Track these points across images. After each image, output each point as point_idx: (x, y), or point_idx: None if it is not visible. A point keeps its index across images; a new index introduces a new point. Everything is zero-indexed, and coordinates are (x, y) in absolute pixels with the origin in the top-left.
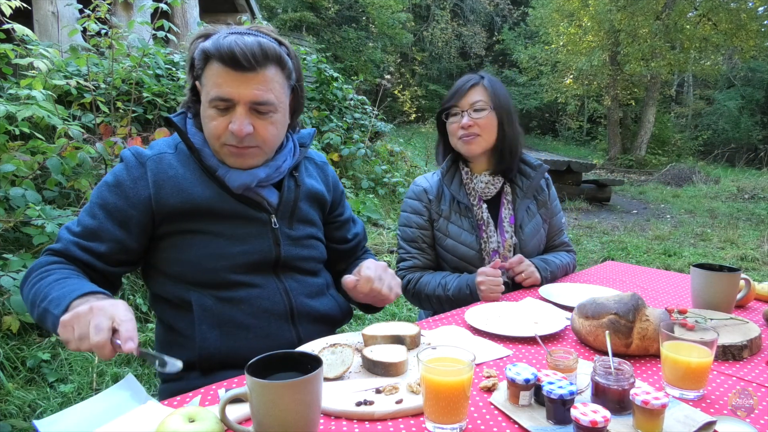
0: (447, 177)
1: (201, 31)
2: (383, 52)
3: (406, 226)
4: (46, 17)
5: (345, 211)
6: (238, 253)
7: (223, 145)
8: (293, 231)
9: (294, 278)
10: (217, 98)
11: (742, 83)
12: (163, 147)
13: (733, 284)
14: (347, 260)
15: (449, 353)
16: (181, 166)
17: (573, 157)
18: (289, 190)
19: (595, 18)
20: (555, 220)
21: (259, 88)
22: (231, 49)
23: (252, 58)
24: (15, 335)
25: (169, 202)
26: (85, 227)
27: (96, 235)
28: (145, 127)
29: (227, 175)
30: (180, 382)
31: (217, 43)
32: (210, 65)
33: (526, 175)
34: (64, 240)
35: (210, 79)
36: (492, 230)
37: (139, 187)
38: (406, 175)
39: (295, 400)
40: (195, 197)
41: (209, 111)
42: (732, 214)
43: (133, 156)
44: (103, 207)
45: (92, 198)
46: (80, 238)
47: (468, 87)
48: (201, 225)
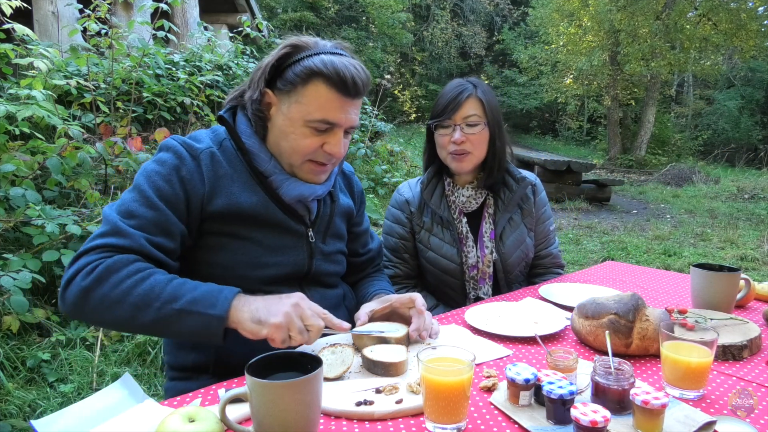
0: (428, 190)
1: (290, 41)
2: (383, 52)
3: (388, 235)
4: (46, 17)
5: (363, 222)
6: (273, 264)
7: (307, 162)
8: (326, 246)
9: (317, 291)
10: (323, 121)
11: (742, 83)
12: (208, 141)
13: (733, 284)
14: (355, 275)
15: (449, 353)
16: (229, 166)
17: (573, 157)
18: (326, 205)
19: (595, 18)
20: (542, 227)
21: (356, 113)
22: (349, 76)
23: (362, 87)
24: (15, 335)
25: (217, 202)
26: (147, 219)
27: (162, 229)
28: (145, 127)
29: (284, 184)
30: (189, 382)
31: (332, 66)
32: (315, 84)
33: (509, 187)
34: (132, 235)
35: (314, 100)
36: (471, 245)
37: (196, 181)
38: (405, 175)
39: (295, 400)
40: (241, 201)
41: (303, 129)
42: (732, 214)
43: (185, 148)
44: (162, 198)
45: (142, 187)
46: (147, 233)
47: (463, 100)
48: (240, 230)
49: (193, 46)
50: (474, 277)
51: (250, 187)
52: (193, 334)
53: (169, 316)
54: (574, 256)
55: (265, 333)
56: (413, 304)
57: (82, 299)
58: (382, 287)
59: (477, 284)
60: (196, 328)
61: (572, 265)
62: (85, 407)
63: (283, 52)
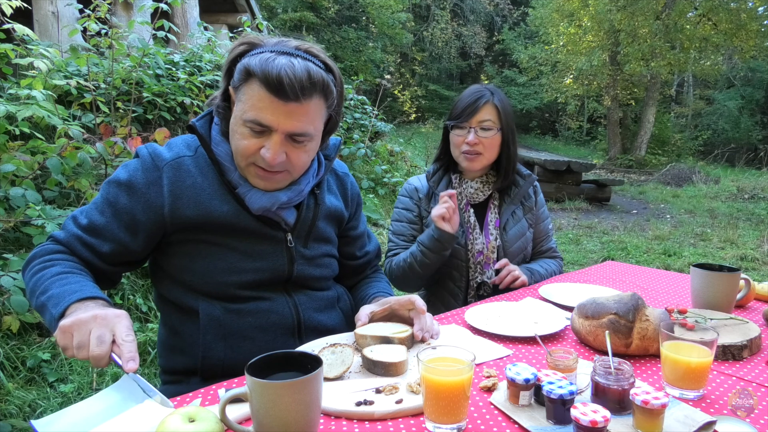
0: (434, 179)
1: (245, 38)
2: (383, 52)
3: (397, 221)
4: (46, 17)
5: (359, 225)
6: (251, 269)
7: (250, 165)
8: (308, 250)
9: (304, 293)
10: (255, 122)
11: (742, 83)
12: (182, 149)
13: (733, 284)
14: (354, 277)
15: (449, 353)
16: (199, 173)
17: (573, 157)
18: (308, 209)
19: (595, 18)
20: (542, 225)
21: (300, 119)
22: (279, 77)
23: (299, 90)
24: (15, 335)
25: (185, 212)
26: (91, 222)
27: (100, 234)
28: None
29: (247, 195)
30: (180, 385)
31: (265, 66)
32: (251, 84)
33: (515, 183)
34: (69, 232)
35: (249, 99)
36: (477, 233)
37: (152, 193)
38: (406, 175)
39: (295, 400)
40: (212, 211)
41: (242, 128)
42: (732, 214)
43: (150, 157)
44: (113, 206)
45: (103, 192)
46: (85, 233)
47: (480, 105)
48: (215, 237)
49: (193, 46)
50: (480, 262)
51: (220, 196)
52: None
53: (39, 306)
54: (574, 256)
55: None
56: (413, 306)
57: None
58: (381, 289)
59: (482, 269)
60: (48, 323)
61: (572, 265)
62: (85, 407)
63: (238, 49)
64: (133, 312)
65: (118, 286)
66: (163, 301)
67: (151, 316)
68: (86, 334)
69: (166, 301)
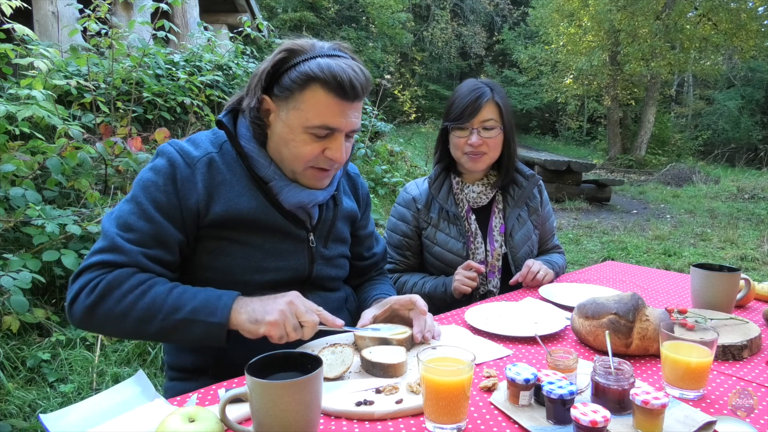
0: (435, 185)
1: (287, 45)
2: (383, 52)
3: (392, 231)
4: (46, 17)
5: (368, 225)
6: (273, 269)
7: (309, 168)
8: (327, 251)
9: (318, 294)
10: (322, 127)
11: (742, 83)
12: (208, 146)
13: (733, 284)
14: (359, 278)
15: (449, 353)
16: (228, 170)
17: (573, 157)
18: (328, 210)
19: (595, 18)
20: (547, 225)
21: (357, 117)
22: (347, 79)
23: (361, 90)
24: (15, 335)
25: (215, 209)
26: (144, 233)
27: (160, 241)
28: (145, 127)
29: (284, 190)
30: (189, 382)
31: (329, 69)
32: (313, 90)
33: (518, 184)
34: (127, 250)
35: (312, 105)
36: (480, 241)
37: (188, 189)
38: (406, 175)
39: (295, 400)
40: (240, 207)
41: (303, 136)
42: (732, 214)
43: (180, 156)
44: (159, 209)
45: (139, 198)
46: (144, 247)
47: (482, 105)
48: (240, 235)
49: (193, 46)
50: (484, 272)
51: (249, 192)
52: (197, 340)
53: (172, 326)
54: (574, 256)
55: (263, 331)
56: (413, 306)
57: (87, 316)
58: (383, 291)
59: (486, 278)
60: (200, 336)
61: (572, 265)
62: (94, 404)
63: (279, 57)
64: None
65: None
66: None
67: None
68: (292, 316)
69: None
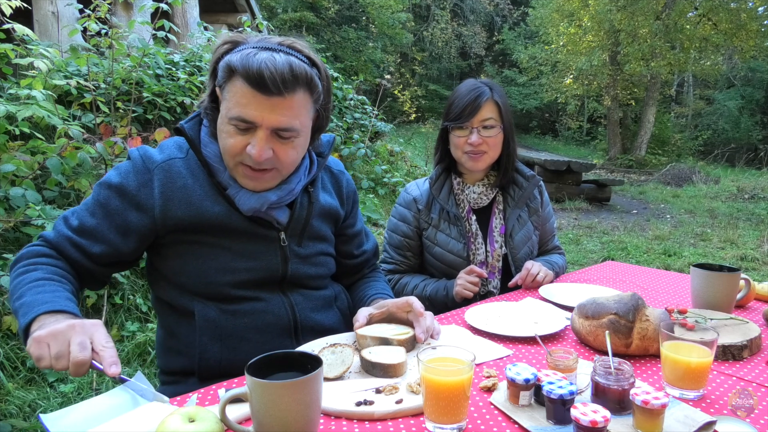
0: (436, 186)
1: (228, 37)
2: (383, 52)
3: (393, 232)
4: (46, 17)
5: (356, 223)
6: (244, 269)
7: (238, 164)
8: (303, 249)
9: (300, 293)
10: (239, 118)
11: (742, 83)
12: (173, 151)
13: (733, 284)
14: (351, 276)
15: (449, 353)
16: (190, 175)
17: (573, 157)
18: (302, 208)
19: (595, 18)
20: (548, 225)
21: (284, 114)
22: (260, 71)
23: (281, 83)
24: (15, 335)
25: (176, 214)
26: (82, 224)
27: (91, 235)
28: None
29: (237, 196)
30: (179, 386)
31: (246, 61)
32: (234, 81)
33: (518, 185)
34: (59, 232)
35: (232, 96)
36: (480, 242)
37: (143, 195)
38: (406, 175)
39: (295, 400)
40: (204, 212)
41: (227, 127)
42: (732, 214)
43: (141, 159)
44: (104, 208)
45: (94, 194)
46: (75, 234)
47: (481, 104)
48: (208, 238)
49: (193, 46)
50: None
51: (211, 197)
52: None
53: (14, 311)
54: (574, 256)
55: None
56: (410, 308)
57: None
58: (380, 290)
59: (486, 279)
60: (20, 333)
61: (572, 265)
62: (94, 404)
63: (222, 49)
64: (133, 312)
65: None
66: (160, 302)
67: (151, 316)
68: (65, 343)
69: (163, 302)
